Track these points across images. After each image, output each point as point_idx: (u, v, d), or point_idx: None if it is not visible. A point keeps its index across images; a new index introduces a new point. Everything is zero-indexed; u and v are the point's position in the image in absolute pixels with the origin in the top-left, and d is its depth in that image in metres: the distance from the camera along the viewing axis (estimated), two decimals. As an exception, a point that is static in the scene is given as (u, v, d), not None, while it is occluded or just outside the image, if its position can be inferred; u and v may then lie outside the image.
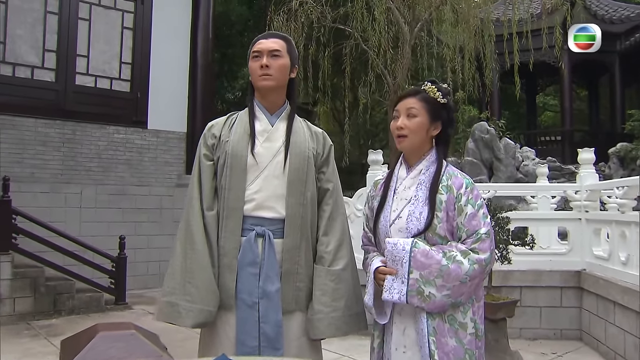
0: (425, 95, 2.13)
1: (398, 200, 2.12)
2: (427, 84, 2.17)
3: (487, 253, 1.98)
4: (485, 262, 1.97)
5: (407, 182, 2.13)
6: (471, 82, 9.66)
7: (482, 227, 2.00)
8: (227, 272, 2.13)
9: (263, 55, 2.21)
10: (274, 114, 2.27)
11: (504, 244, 4.37)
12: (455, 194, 2.03)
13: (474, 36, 9.37)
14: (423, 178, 2.09)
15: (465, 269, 1.94)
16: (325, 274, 2.17)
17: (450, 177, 2.08)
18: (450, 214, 2.02)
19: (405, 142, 2.11)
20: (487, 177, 10.26)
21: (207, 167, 2.21)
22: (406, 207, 2.07)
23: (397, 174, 2.19)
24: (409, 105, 2.11)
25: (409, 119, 2.10)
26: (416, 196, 2.07)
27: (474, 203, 2.03)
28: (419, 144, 2.11)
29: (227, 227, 2.14)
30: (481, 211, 2.03)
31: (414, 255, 1.97)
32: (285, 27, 8.94)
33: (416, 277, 1.96)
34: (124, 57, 8.30)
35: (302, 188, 2.19)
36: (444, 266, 1.94)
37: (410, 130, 2.09)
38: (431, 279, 1.95)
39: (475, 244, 1.98)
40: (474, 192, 2.06)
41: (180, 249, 2.14)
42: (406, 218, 2.05)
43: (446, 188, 2.05)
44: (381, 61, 8.97)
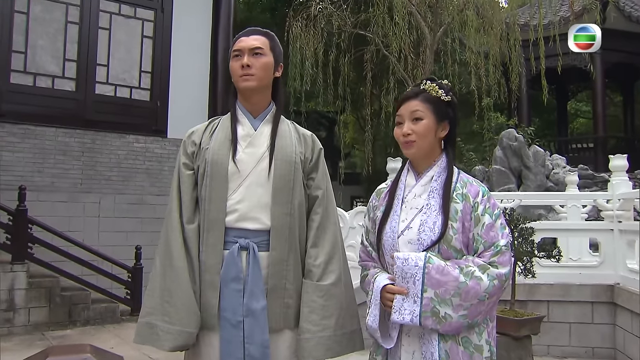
0: (428, 95, 1.94)
1: (407, 210, 1.94)
2: (427, 83, 1.98)
3: (507, 267, 1.81)
4: (505, 277, 1.80)
5: (418, 190, 1.95)
6: (497, 88, 9.37)
7: (501, 239, 1.83)
8: (209, 290, 1.96)
9: (244, 54, 2.05)
10: (257, 117, 2.11)
11: (528, 256, 4.12)
12: (472, 202, 1.86)
13: (500, 41, 9.09)
14: (435, 185, 1.92)
15: (484, 286, 1.77)
16: (314, 289, 1.99)
17: (465, 184, 1.91)
18: (467, 224, 1.85)
19: (414, 148, 1.93)
20: (515, 186, 9.93)
21: (187, 177, 2.06)
22: (417, 217, 1.90)
23: (404, 182, 2.00)
24: (413, 108, 1.93)
25: (414, 122, 1.92)
26: (428, 205, 1.89)
27: (491, 212, 1.86)
28: (428, 148, 1.94)
29: (208, 240, 1.98)
30: (499, 221, 1.86)
31: (427, 272, 1.78)
32: (305, 33, 8.82)
33: (430, 296, 1.77)
34: (144, 66, 8.28)
35: (288, 196, 2.02)
36: (462, 283, 1.76)
37: (418, 134, 1.91)
38: (447, 298, 1.76)
39: (495, 257, 1.81)
40: (490, 200, 1.89)
41: (159, 266, 1.99)
42: (417, 228, 1.87)
43: (461, 196, 1.88)
44: (402, 67, 8.77)
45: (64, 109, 7.57)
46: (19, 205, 6.08)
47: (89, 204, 7.54)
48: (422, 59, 8.93)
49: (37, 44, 7.47)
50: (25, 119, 7.26)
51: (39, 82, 7.48)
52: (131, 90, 8.18)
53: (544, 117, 19.85)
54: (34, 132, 7.33)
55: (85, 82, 7.77)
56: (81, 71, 7.74)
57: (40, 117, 7.38)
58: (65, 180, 7.49)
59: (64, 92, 7.62)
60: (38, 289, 6.03)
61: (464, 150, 12.16)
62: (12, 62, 7.28)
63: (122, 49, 8.12)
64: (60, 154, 7.50)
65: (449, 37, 9.23)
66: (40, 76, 7.49)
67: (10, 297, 5.85)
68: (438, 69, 10.02)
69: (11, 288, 5.85)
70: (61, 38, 7.64)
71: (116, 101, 8.02)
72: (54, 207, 7.18)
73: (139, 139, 8.16)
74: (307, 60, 9.03)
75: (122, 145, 8.01)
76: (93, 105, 7.81)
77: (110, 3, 8.00)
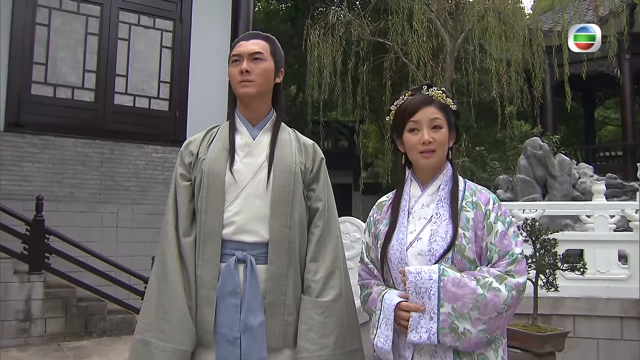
0: (442, 103, 1.87)
1: (415, 221, 1.84)
2: (434, 89, 1.88)
3: (524, 276, 1.73)
4: (522, 287, 1.72)
5: (425, 200, 1.86)
6: (519, 95, 9.15)
7: (516, 247, 1.76)
8: (205, 306, 1.88)
9: (243, 59, 1.98)
10: (256, 126, 2.02)
11: (551, 268, 3.94)
12: (483, 210, 1.79)
13: (522, 47, 8.89)
14: (443, 194, 1.83)
15: (503, 298, 1.67)
16: (312, 305, 1.88)
17: (474, 192, 1.84)
18: (479, 233, 1.76)
19: (433, 158, 1.85)
20: (540, 196, 9.71)
21: (184, 189, 1.98)
22: (427, 227, 1.80)
23: (408, 193, 1.90)
24: (433, 116, 1.84)
25: (435, 131, 1.83)
26: (438, 214, 1.80)
27: (503, 220, 1.78)
28: (444, 158, 1.88)
29: (205, 254, 1.90)
30: (511, 229, 1.78)
31: (443, 285, 1.67)
32: (323, 42, 8.75)
33: (448, 312, 1.66)
34: (163, 76, 8.30)
35: (288, 208, 1.92)
36: (480, 295, 1.66)
37: (439, 143, 1.84)
38: (465, 312, 1.65)
39: (511, 265, 1.73)
40: (501, 208, 1.82)
41: (154, 281, 1.92)
42: (428, 239, 1.77)
43: (472, 204, 1.80)
44: (422, 75, 8.63)
45: (83, 119, 7.61)
46: (36, 215, 6.10)
47: (107, 214, 7.55)
48: (441, 67, 8.77)
49: (57, 56, 7.54)
50: (45, 130, 7.31)
51: (58, 93, 7.53)
52: (150, 100, 8.20)
53: (571, 125, 19.46)
54: (53, 143, 7.38)
55: (104, 93, 7.80)
56: (100, 82, 7.78)
57: (60, 127, 7.42)
58: (83, 190, 7.51)
59: (83, 102, 7.67)
60: (54, 299, 6.01)
61: (488, 159, 11.96)
62: (33, 74, 7.35)
63: (141, 59, 8.16)
64: (80, 164, 7.53)
65: (470, 44, 9.07)
66: (60, 87, 7.55)
67: (27, 307, 5.84)
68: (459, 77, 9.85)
69: (28, 298, 5.85)
70: (81, 49, 7.70)
71: (135, 111, 8.04)
72: (72, 218, 7.20)
73: (158, 149, 8.16)
74: (325, 69, 8.96)
75: (141, 156, 8.02)
76: (112, 116, 7.84)
77: (130, 14, 8.05)
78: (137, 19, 8.10)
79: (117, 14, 7.93)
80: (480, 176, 11.56)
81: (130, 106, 8.03)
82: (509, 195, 9.98)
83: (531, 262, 3.89)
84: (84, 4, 7.69)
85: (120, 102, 7.95)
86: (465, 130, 15.16)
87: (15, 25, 7.19)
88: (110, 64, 7.87)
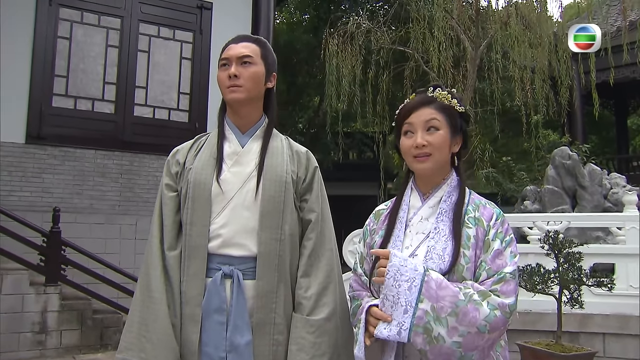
0: (442, 104, 1.71)
1: (412, 235, 1.68)
2: (437, 90, 1.73)
3: (511, 297, 1.54)
4: (509, 309, 1.53)
5: (424, 212, 1.70)
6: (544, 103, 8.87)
7: (508, 266, 1.57)
8: (190, 323, 1.76)
9: (231, 63, 1.86)
10: (245, 133, 1.90)
11: (576, 284, 3.72)
12: (485, 226, 1.62)
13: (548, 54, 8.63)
14: (445, 207, 1.67)
15: (484, 313, 1.49)
16: (303, 324, 1.75)
17: (477, 207, 1.66)
18: (478, 252, 1.60)
19: (429, 163, 1.69)
20: (570, 207, 9.37)
21: (170, 200, 1.87)
22: (424, 243, 1.65)
23: (407, 203, 1.75)
24: (429, 117, 1.69)
25: (430, 133, 1.68)
26: (437, 229, 1.64)
27: (502, 238, 1.61)
28: (443, 163, 1.71)
29: (190, 269, 1.78)
30: (509, 249, 1.60)
31: (427, 281, 1.52)
32: (342, 50, 8.65)
33: (426, 309, 1.51)
34: (183, 88, 8.30)
35: (278, 220, 1.80)
36: (461, 301, 1.50)
37: (435, 147, 1.67)
38: (443, 317, 1.50)
39: (497, 284, 1.55)
40: (504, 225, 1.64)
41: (138, 297, 1.81)
42: (424, 256, 1.61)
43: (474, 220, 1.63)
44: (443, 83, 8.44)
45: (103, 131, 7.64)
46: (52, 227, 6.10)
47: (125, 225, 7.53)
48: (463, 74, 8.57)
49: (78, 68, 7.60)
50: (65, 142, 7.35)
51: (79, 105, 7.59)
52: (170, 111, 8.19)
53: (602, 134, 18.94)
54: (73, 155, 7.42)
55: (124, 105, 7.83)
56: (120, 93, 7.82)
57: (80, 139, 7.46)
58: (103, 202, 7.52)
59: (103, 114, 7.70)
60: (70, 311, 5.99)
61: (515, 169, 11.65)
62: (54, 86, 7.41)
63: (160, 71, 8.17)
64: (99, 176, 7.55)
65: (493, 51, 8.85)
66: (81, 99, 7.60)
67: (43, 319, 5.83)
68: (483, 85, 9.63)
69: (44, 310, 5.83)
70: (101, 61, 7.75)
71: (154, 123, 8.04)
72: (91, 229, 7.20)
73: (177, 161, 8.13)
74: (345, 78, 8.85)
75: (160, 167, 7.97)
76: (131, 127, 7.86)
77: (150, 26, 8.08)
78: (157, 30, 8.14)
79: (137, 26, 7.97)
80: (507, 187, 11.25)
81: (150, 118, 8.04)
82: (537, 206, 9.67)
83: (554, 276, 3.67)
84: (104, 17, 7.76)
85: (140, 114, 7.97)
86: (492, 140, 14.88)
87: (37, 39, 7.29)
88: (130, 76, 7.90)
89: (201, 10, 8.51)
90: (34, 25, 7.29)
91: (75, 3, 7.58)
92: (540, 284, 3.81)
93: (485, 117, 10.86)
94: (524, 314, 5.01)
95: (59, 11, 7.48)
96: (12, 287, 5.72)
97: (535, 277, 3.81)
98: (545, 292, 3.82)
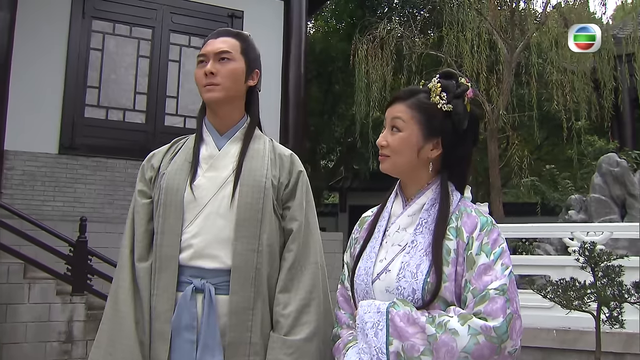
0: (420, 100, 1.47)
1: (387, 247, 1.47)
2: (434, 81, 1.50)
3: (498, 319, 1.27)
4: (496, 333, 1.25)
5: (403, 222, 1.48)
6: (586, 107, 8.41)
7: (495, 281, 1.30)
8: (159, 341, 1.62)
9: (209, 59, 1.71)
10: (224, 135, 1.74)
11: (616, 300, 3.39)
12: (465, 238, 1.37)
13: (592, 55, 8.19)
14: (425, 216, 1.44)
15: (461, 343, 1.25)
16: (281, 345, 1.57)
17: (460, 215, 1.41)
18: (459, 268, 1.35)
19: (386, 165, 1.49)
20: (618, 216, 8.87)
21: (142, 207, 1.74)
22: (398, 257, 1.43)
23: (389, 210, 1.53)
24: (394, 114, 1.48)
25: (392, 133, 1.47)
26: (414, 242, 1.42)
27: (488, 251, 1.34)
28: (407, 168, 1.48)
29: (160, 282, 1.64)
30: (499, 262, 1.34)
31: (391, 318, 1.31)
32: (372, 56, 8.46)
33: (397, 351, 1.30)
34: (213, 97, 8.28)
35: (255, 229, 1.63)
36: (432, 336, 1.27)
37: (392, 149, 1.46)
38: (415, 357, 1.28)
39: (480, 305, 1.29)
40: (491, 235, 1.37)
41: (108, 311, 1.69)
42: (397, 273, 1.39)
43: (455, 231, 1.39)
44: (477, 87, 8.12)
45: (133, 141, 7.68)
46: (79, 236, 6.11)
47: (154, 235, 7.52)
48: (497, 78, 8.22)
49: (109, 79, 7.69)
50: (97, 152, 7.43)
51: (110, 116, 7.66)
52: (200, 121, 8.17)
53: (656, 140, 18.01)
54: (105, 165, 7.48)
55: (154, 114, 7.87)
56: (151, 103, 7.86)
57: (111, 149, 7.52)
58: (133, 212, 7.53)
59: (134, 124, 7.76)
60: (96, 321, 5.93)
61: (559, 178, 11.17)
62: (86, 97, 7.52)
63: (191, 80, 8.04)
64: (129, 186, 7.56)
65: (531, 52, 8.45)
66: (112, 109, 7.68)
67: (69, 328, 5.83)
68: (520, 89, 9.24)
69: (70, 320, 5.83)
70: (132, 72, 7.82)
71: (185, 132, 7.85)
72: (120, 239, 7.19)
73: (207, 170, 8.11)
74: (374, 84, 8.65)
75: (191, 177, 7.98)
76: (162, 137, 7.84)
77: (180, 36, 8.11)
78: (188, 40, 8.16)
79: (168, 36, 8.02)
80: (551, 196, 10.77)
81: (181, 127, 8.03)
82: (582, 216, 9.21)
83: (590, 292, 3.36)
84: (135, 28, 7.84)
85: (171, 124, 7.99)
86: (536, 148, 14.32)
87: (70, 52, 7.41)
88: (161, 86, 7.94)
89: (232, 19, 8.49)
90: (67, 38, 7.42)
91: (107, 15, 7.69)
92: (576, 300, 3.50)
93: (526, 123, 10.44)
94: (562, 331, 4.69)
95: (92, 23, 7.60)
96: (39, 296, 5.75)
97: (570, 292, 3.50)
98: (581, 309, 3.51)
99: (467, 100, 1.48)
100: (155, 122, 7.86)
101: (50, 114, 7.18)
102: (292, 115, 8.93)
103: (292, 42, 9.04)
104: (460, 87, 1.49)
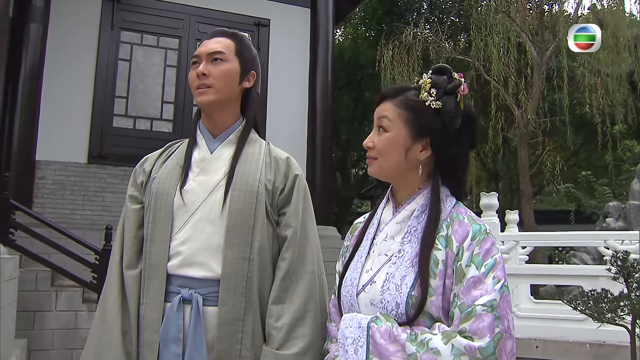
0: (408, 98, 1.37)
1: (374, 256, 1.37)
2: (424, 77, 1.40)
3: (484, 338, 1.14)
4: (482, 354, 1.13)
5: (391, 229, 1.37)
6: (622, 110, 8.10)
7: (484, 296, 1.18)
8: (147, 352, 1.56)
9: (202, 60, 1.65)
10: (217, 138, 1.67)
11: (651, 314, 3.20)
12: (455, 248, 1.25)
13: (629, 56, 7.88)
14: (415, 224, 1.33)
15: None
16: (272, 359, 1.49)
17: (452, 222, 1.29)
18: (448, 281, 1.23)
19: (373, 168, 1.39)
20: (660, 224, 8.51)
21: (132, 213, 1.68)
22: (384, 268, 1.32)
23: (379, 216, 1.43)
24: (381, 113, 1.39)
25: (379, 133, 1.37)
26: (401, 251, 1.31)
27: (479, 262, 1.22)
28: (395, 171, 1.38)
29: (149, 291, 1.58)
30: (490, 275, 1.22)
31: (372, 335, 1.22)
32: (397, 61, 8.34)
33: None
34: (240, 106, 8.29)
35: (247, 236, 1.55)
36: (412, 355, 1.16)
37: (379, 151, 1.37)
38: None
39: (466, 322, 1.17)
40: (483, 245, 1.25)
41: (96, 320, 1.65)
42: (382, 285, 1.28)
43: (444, 240, 1.27)
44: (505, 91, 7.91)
45: (160, 150, 7.73)
46: (105, 244, 6.15)
47: (181, 243, 7.55)
48: (526, 81, 7.98)
49: (137, 89, 7.78)
50: (125, 161, 7.49)
51: (138, 125, 7.74)
52: (227, 128, 8.19)
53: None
54: (132, 174, 7.53)
55: (182, 123, 7.91)
56: (178, 112, 7.91)
57: (139, 158, 7.43)
58: (160, 220, 7.57)
59: (161, 133, 7.81)
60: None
61: (596, 184, 10.80)
62: (114, 107, 7.62)
63: (218, 89, 8.20)
64: (157, 195, 7.63)
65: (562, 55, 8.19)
66: (140, 119, 7.76)
67: (95, 336, 5.86)
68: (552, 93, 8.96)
69: (96, 327, 5.87)
70: (160, 81, 7.90)
71: (212, 141, 8.05)
72: (147, 247, 7.26)
73: (234, 178, 8.11)
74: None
75: (217, 185, 7.99)
76: (188, 145, 7.91)
77: (207, 45, 8.15)
78: (215, 49, 8.19)
79: (195, 45, 7.97)
80: (587, 203, 10.42)
81: (208, 135, 8.06)
82: (621, 223, 8.89)
83: (624, 304, 3.18)
84: (163, 38, 7.92)
85: (198, 132, 8.01)
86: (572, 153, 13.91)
87: (99, 62, 7.53)
88: (188, 95, 7.96)
89: (258, 27, 8.50)
90: (96, 49, 7.54)
91: (135, 26, 7.79)
92: (609, 312, 3.31)
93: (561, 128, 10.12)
94: (596, 345, 4.47)
95: (120, 34, 7.71)
96: (66, 303, 5.81)
97: (603, 304, 3.32)
98: (614, 321, 3.32)
99: (460, 97, 1.37)
100: (183, 131, 7.89)
101: (79, 124, 7.30)
102: (319, 123, 8.87)
103: (319, 50, 8.99)
104: (451, 83, 1.37)
